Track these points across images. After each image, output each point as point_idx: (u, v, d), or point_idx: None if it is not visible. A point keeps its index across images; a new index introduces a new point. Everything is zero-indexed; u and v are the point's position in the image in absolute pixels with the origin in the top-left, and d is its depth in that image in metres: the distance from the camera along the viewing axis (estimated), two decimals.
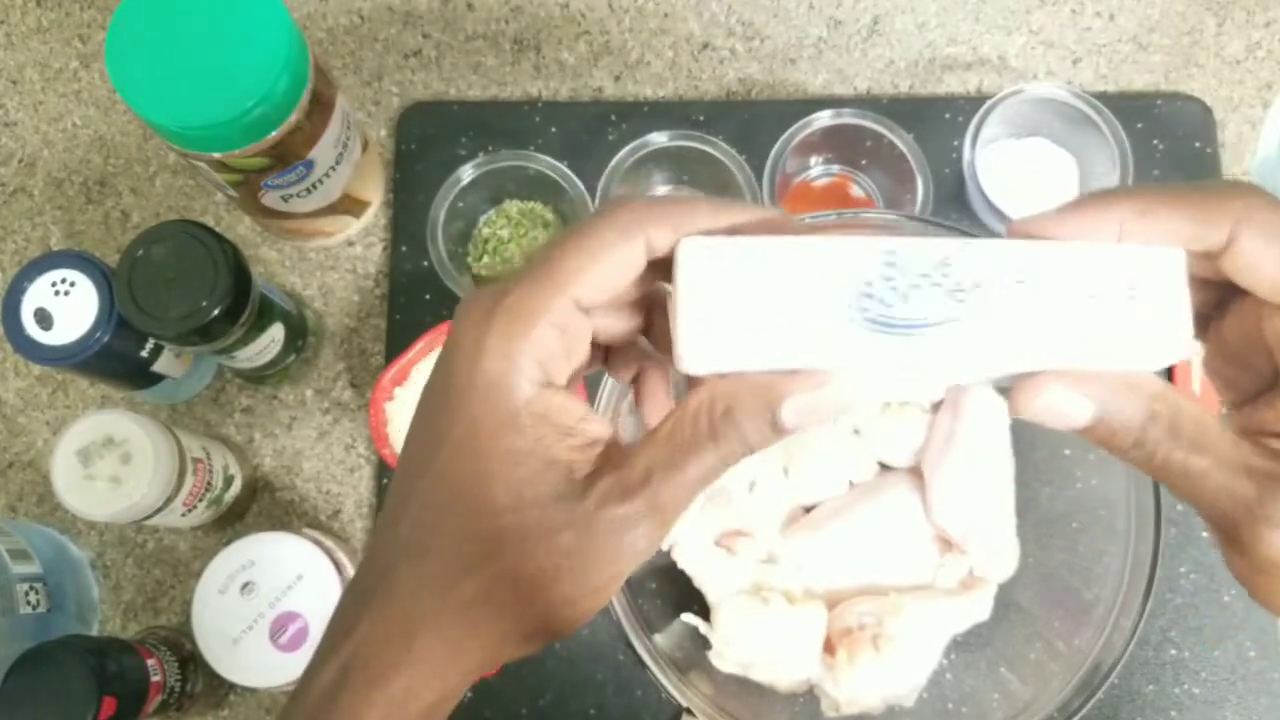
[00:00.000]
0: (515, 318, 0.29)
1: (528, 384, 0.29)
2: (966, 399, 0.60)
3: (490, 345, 0.29)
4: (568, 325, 0.29)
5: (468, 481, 0.29)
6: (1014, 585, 0.59)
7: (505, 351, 0.29)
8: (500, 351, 0.29)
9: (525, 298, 0.29)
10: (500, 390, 0.29)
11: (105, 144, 0.73)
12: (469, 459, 0.29)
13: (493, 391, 0.29)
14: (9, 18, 0.75)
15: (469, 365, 0.29)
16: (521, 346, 0.29)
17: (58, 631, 0.61)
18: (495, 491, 0.29)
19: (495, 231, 0.69)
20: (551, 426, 0.29)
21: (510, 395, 0.29)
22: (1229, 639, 0.63)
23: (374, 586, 0.30)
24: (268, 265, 0.71)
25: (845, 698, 0.55)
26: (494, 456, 0.29)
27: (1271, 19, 0.74)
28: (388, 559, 0.30)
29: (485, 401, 0.29)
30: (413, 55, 0.74)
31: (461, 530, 0.29)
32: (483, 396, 0.29)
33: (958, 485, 0.58)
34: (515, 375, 0.29)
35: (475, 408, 0.29)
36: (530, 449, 0.29)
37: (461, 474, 0.29)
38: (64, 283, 0.57)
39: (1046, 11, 0.75)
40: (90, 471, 0.55)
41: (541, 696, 0.62)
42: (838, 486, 0.61)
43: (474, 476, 0.29)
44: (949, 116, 0.71)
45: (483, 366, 0.29)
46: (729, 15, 0.75)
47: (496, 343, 0.29)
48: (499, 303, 0.29)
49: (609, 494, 0.29)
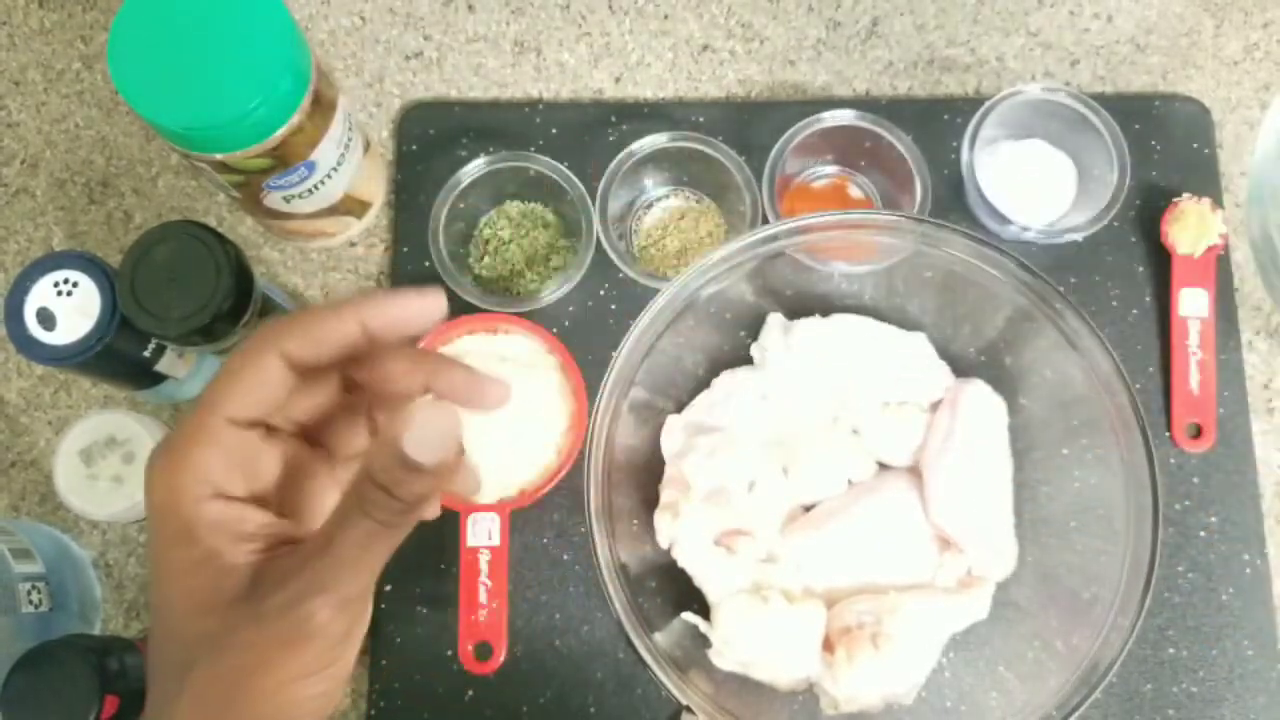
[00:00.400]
0: (173, 449, 0.33)
1: (193, 502, 0.33)
2: (965, 399, 0.60)
3: (156, 479, 0.33)
4: (226, 442, 0.33)
5: (161, 602, 0.34)
6: (1012, 584, 0.59)
7: (168, 480, 0.33)
8: (164, 483, 0.33)
9: (182, 429, 0.34)
10: (169, 513, 0.33)
11: (108, 145, 0.73)
12: (161, 582, 0.34)
13: (164, 517, 0.33)
14: (11, 19, 0.75)
15: (148, 503, 0.34)
16: (182, 471, 0.33)
17: (60, 630, 0.62)
18: (180, 605, 0.33)
19: (496, 232, 0.69)
20: (227, 534, 0.33)
21: (178, 515, 0.33)
22: (1227, 638, 0.64)
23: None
24: (270, 266, 0.71)
25: (844, 696, 0.56)
26: (174, 573, 0.33)
27: (1269, 20, 0.74)
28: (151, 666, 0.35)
29: (160, 528, 0.33)
30: (414, 56, 0.75)
31: (166, 648, 0.34)
32: (157, 524, 0.33)
33: (956, 484, 0.59)
34: (180, 497, 0.33)
35: (155, 537, 0.33)
36: (204, 558, 0.33)
37: (159, 598, 0.34)
38: (66, 283, 0.57)
39: (1044, 13, 0.75)
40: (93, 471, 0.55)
41: (542, 695, 0.63)
42: (837, 486, 0.61)
43: (164, 596, 0.33)
44: (947, 118, 0.71)
45: (154, 500, 0.33)
46: (729, 17, 0.75)
47: (160, 475, 0.33)
48: (166, 440, 0.34)
49: (271, 583, 0.32)
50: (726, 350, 0.64)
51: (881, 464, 0.62)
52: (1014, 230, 0.66)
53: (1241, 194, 0.71)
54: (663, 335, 0.58)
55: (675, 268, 0.68)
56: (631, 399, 0.57)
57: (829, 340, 0.62)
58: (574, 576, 0.65)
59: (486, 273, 0.69)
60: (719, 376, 0.63)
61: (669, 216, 0.70)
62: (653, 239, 0.70)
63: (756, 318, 0.64)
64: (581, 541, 0.65)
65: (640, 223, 0.70)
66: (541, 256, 0.68)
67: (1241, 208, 0.70)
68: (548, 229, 0.69)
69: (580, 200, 0.65)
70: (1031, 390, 0.61)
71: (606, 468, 0.55)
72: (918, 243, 0.58)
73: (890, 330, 0.63)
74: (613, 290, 0.69)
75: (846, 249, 0.61)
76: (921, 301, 0.63)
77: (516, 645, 0.63)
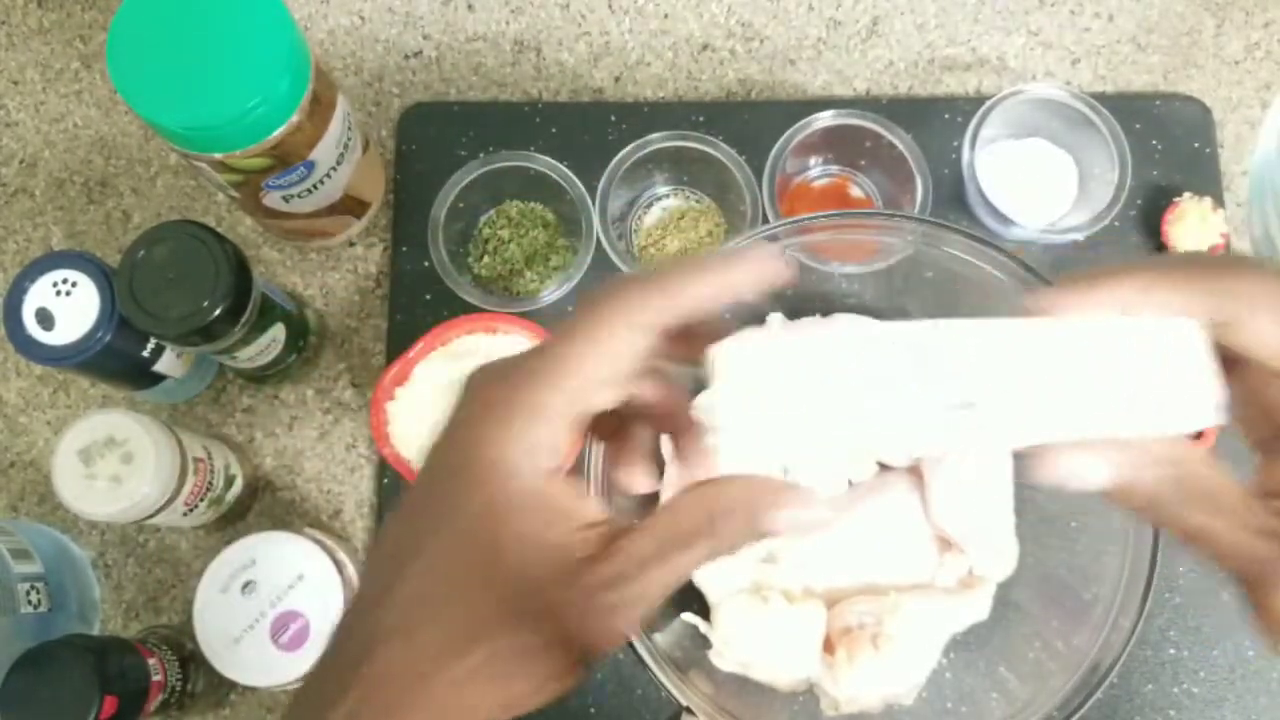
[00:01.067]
0: (528, 410, 0.30)
1: (535, 472, 0.30)
2: None
3: (503, 435, 0.30)
4: (572, 417, 0.31)
5: (478, 559, 0.31)
6: (1013, 584, 0.59)
7: (518, 441, 0.30)
8: (513, 441, 0.30)
9: (537, 391, 0.31)
10: (512, 477, 0.30)
11: (106, 144, 0.73)
12: (482, 538, 0.31)
13: (506, 478, 0.30)
14: (10, 18, 0.75)
15: (482, 450, 0.31)
16: (533, 437, 0.30)
17: (59, 631, 0.62)
18: (503, 571, 0.30)
19: (496, 232, 0.69)
20: (554, 511, 0.31)
21: (521, 481, 0.30)
22: (1228, 638, 0.63)
23: (361, 658, 0.31)
24: (269, 265, 0.71)
25: (844, 697, 0.55)
26: (504, 538, 0.30)
27: (1270, 19, 0.74)
28: (375, 631, 0.31)
29: (498, 487, 0.30)
30: (413, 56, 0.74)
31: (469, 603, 0.31)
32: (496, 482, 0.30)
33: (957, 484, 0.58)
34: (526, 463, 0.30)
35: (489, 492, 0.30)
36: (536, 532, 0.30)
37: (472, 551, 0.31)
38: (65, 283, 0.57)
39: (1045, 12, 0.75)
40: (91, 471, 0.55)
41: None
42: (837, 486, 0.61)
43: (485, 555, 0.30)
44: (948, 117, 0.71)
45: (496, 454, 0.30)
46: (729, 16, 0.75)
47: (510, 433, 0.30)
48: (513, 394, 0.31)
49: (601, 581, 0.30)
50: None
51: (882, 464, 0.62)
52: (1015, 230, 0.66)
53: (1242, 193, 0.71)
54: None
55: None
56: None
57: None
58: None
59: (486, 272, 0.68)
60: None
61: (669, 216, 0.70)
62: (653, 239, 0.69)
63: (756, 318, 0.64)
64: None
65: (640, 223, 0.70)
66: (541, 256, 0.68)
67: (1242, 207, 0.70)
68: (547, 229, 0.69)
69: (580, 200, 0.65)
70: None
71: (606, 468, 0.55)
72: (918, 242, 0.58)
73: None
74: None
75: (846, 249, 0.61)
76: (921, 301, 0.63)
77: None
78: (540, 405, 0.31)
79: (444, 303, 0.67)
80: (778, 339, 0.31)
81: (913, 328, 0.31)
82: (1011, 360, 0.30)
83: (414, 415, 0.61)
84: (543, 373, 0.31)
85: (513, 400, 0.31)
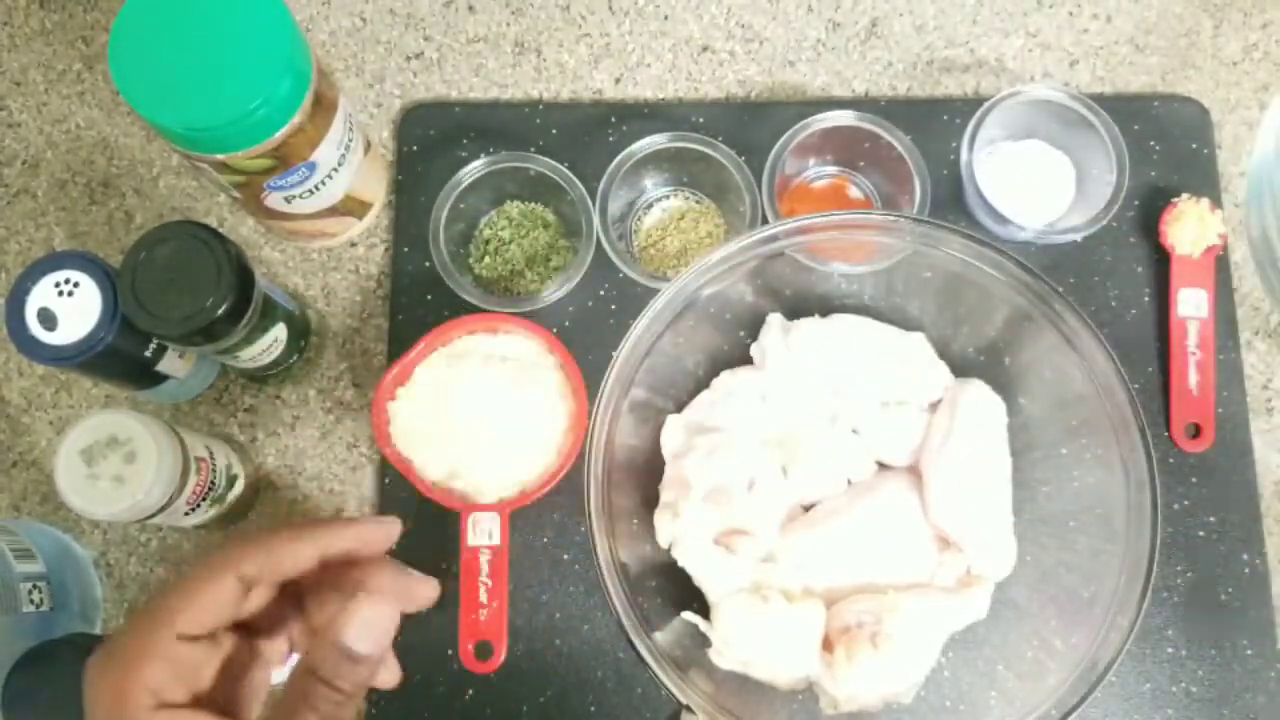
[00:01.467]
0: (121, 663, 0.35)
1: (141, 710, 0.34)
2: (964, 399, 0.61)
3: (102, 690, 0.34)
4: (175, 655, 0.35)
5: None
6: (1011, 583, 0.59)
7: (115, 693, 0.34)
8: (111, 695, 0.34)
9: (131, 642, 0.35)
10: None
11: (108, 145, 0.73)
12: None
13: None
14: (12, 19, 0.75)
15: (90, 710, 0.35)
16: (130, 684, 0.34)
17: (61, 630, 0.62)
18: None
19: (496, 232, 0.69)
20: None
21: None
22: (1226, 637, 0.64)
23: None
24: (270, 266, 0.71)
25: (844, 695, 0.56)
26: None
27: (1268, 20, 0.75)
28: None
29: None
30: (414, 57, 0.75)
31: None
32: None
33: (955, 484, 0.59)
34: (126, 708, 0.34)
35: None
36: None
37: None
38: (68, 283, 0.57)
39: (1044, 14, 0.75)
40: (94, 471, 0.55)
41: (542, 694, 0.63)
42: (836, 485, 0.61)
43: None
44: (946, 118, 0.72)
45: (98, 709, 0.34)
46: (728, 18, 0.75)
47: (107, 687, 0.34)
48: (111, 649, 0.35)
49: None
50: (726, 350, 0.64)
51: (881, 464, 0.62)
52: (1013, 230, 0.66)
53: (1240, 194, 0.71)
54: (663, 335, 0.58)
55: (675, 268, 0.68)
56: (631, 399, 0.57)
57: (829, 340, 0.62)
58: (574, 576, 0.65)
59: (487, 273, 0.69)
60: (719, 376, 0.63)
61: (669, 217, 0.70)
62: (653, 239, 0.70)
63: (756, 318, 0.64)
64: (581, 541, 0.65)
65: (640, 223, 0.71)
66: (541, 256, 0.69)
67: (1240, 208, 0.70)
68: (548, 229, 0.69)
69: (580, 200, 0.65)
70: (1030, 390, 0.61)
71: (606, 468, 0.55)
72: (917, 243, 0.58)
73: (889, 330, 0.63)
74: (613, 290, 0.69)
75: (846, 249, 0.62)
76: (921, 302, 0.63)
77: (517, 645, 0.63)
78: (142, 650, 0.35)
79: (445, 303, 0.68)
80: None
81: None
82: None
83: (415, 415, 0.61)
84: (141, 623, 0.36)
85: (117, 654, 0.35)
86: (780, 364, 0.61)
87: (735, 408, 0.61)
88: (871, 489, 0.61)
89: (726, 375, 0.63)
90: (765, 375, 0.62)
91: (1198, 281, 0.68)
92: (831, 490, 0.61)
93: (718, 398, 0.62)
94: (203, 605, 0.36)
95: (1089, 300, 0.68)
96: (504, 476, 0.61)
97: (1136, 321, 0.68)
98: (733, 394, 0.62)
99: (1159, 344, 0.68)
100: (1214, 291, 0.67)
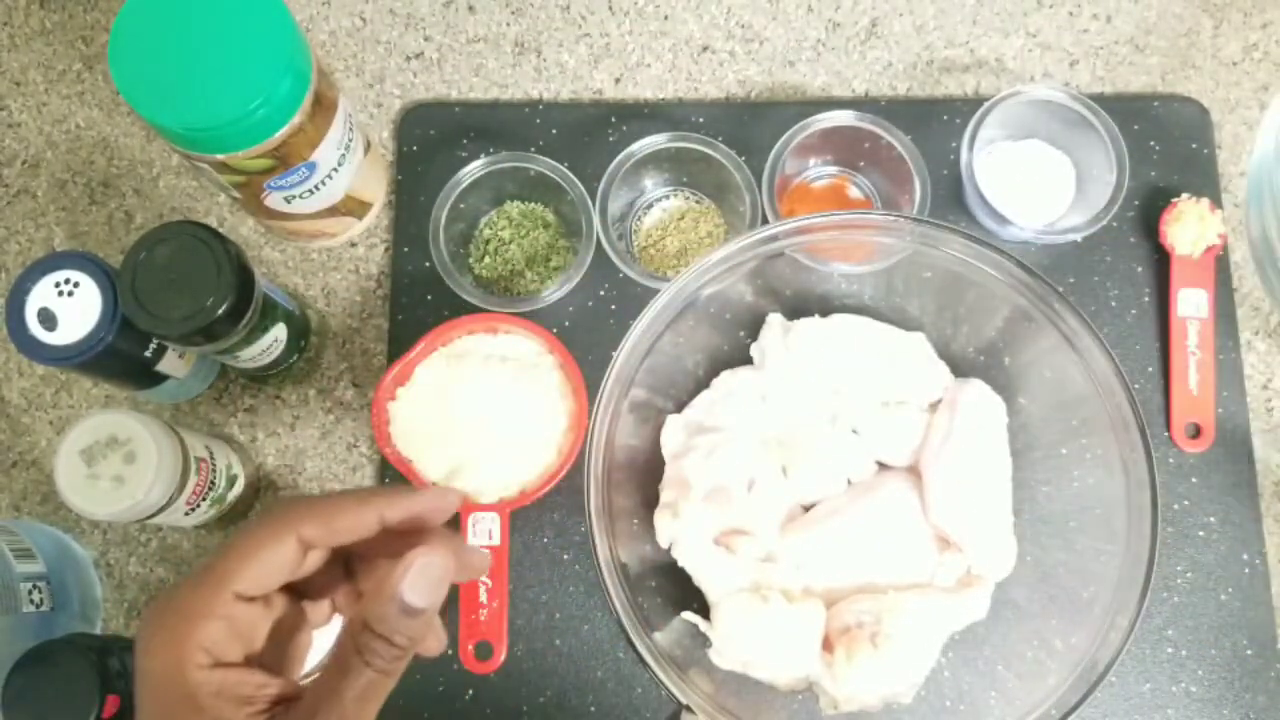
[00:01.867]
0: (177, 621, 0.34)
1: (197, 670, 0.34)
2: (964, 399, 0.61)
3: (159, 644, 0.34)
4: (232, 615, 0.35)
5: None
6: (1011, 584, 0.59)
7: (171, 651, 0.34)
8: (166, 653, 0.34)
9: (189, 599, 0.35)
10: (170, 682, 0.34)
11: (109, 145, 0.73)
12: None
13: (163, 684, 0.34)
14: (12, 19, 0.75)
15: (144, 665, 0.35)
16: (186, 642, 0.34)
17: (61, 630, 0.62)
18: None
19: (496, 232, 0.69)
20: (229, 700, 0.34)
21: (182, 683, 0.34)
22: (1226, 637, 0.64)
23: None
24: (270, 266, 0.71)
25: (844, 695, 0.56)
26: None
27: (1268, 20, 0.75)
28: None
29: (157, 694, 0.34)
30: (414, 57, 0.75)
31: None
32: (155, 691, 0.34)
33: (955, 484, 0.59)
34: (183, 667, 0.34)
35: (153, 702, 0.34)
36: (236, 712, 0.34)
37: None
38: (68, 283, 0.57)
39: (1044, 14, 0.75)
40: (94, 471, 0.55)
41: (542, 694, 0.63)
42: (836, 485, 0.61)
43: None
44: (946, 118, 0.72)
45: (153, 667, 0.34)
46: (728, 18, 0.75)
47: (162, 645, 0.34)
48: (167, 605, 0.35)
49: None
50: (726, 350, 0.64)
51: (881, 464, 0.62)
52: (1013, 230, 0.66)
53: (1240, 194, 0.71)
54: (663, 335, 0.58)
55: (675, 268, 0.68)
56: (631, 399, 0.57)
57: (828, 340, 0.62)
58: (574, 576, 0.65)
59: (487, 273, 0.69)
60: (719, 376, 0.63)
61: (669, 217, 0.70)
62: (653, 239, 0.70)
63: (756, 318, 0.64)
64: (581, 541, 0.65)
65: (640, 223, 0.71)
66: (541, 256, 0.69)
67: (1240, 208, 0.70)
68: (548, 229, 0.69)
69: (580, 200, 0.65)
70: (1030, 390, 0.61)
71: (606, 467, 0.55)
72: (917, 243, 0.58)
73: (890, 330, 0.63)
74: (613, 290, 0.69)
75: (846, 249, 0.62)
76: (921, 301, 0.63)
77: (516, 645, 0.63)
78: (198, 608, 0.35)
79: (445, 303, 0.68)
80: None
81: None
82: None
83: (415, 415, 0.61)
84: (199, 579, 0.35)
85: (174, 609, 0.35)
86: (780, 364, 0.61)
87: (735, 408, 0.61)
88: (871, 489, 0.61)
89: (726, 375, 0.63)
90: (765, 375, 0.62)
91: (1198, 281, 0.68)
92: (831, 490, 0.61)
93: (718, 398, 0.62)
94: (263, 566, 0.36)
95: (1089, 300, 0.68)
96: (504, 476, 0.61)
97: (1136, 321, 0.68)
98: (733, 394, 0.62)
99: (1159, 344, 0.68)
100: (1214, 291, 0.67)
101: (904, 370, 0.62)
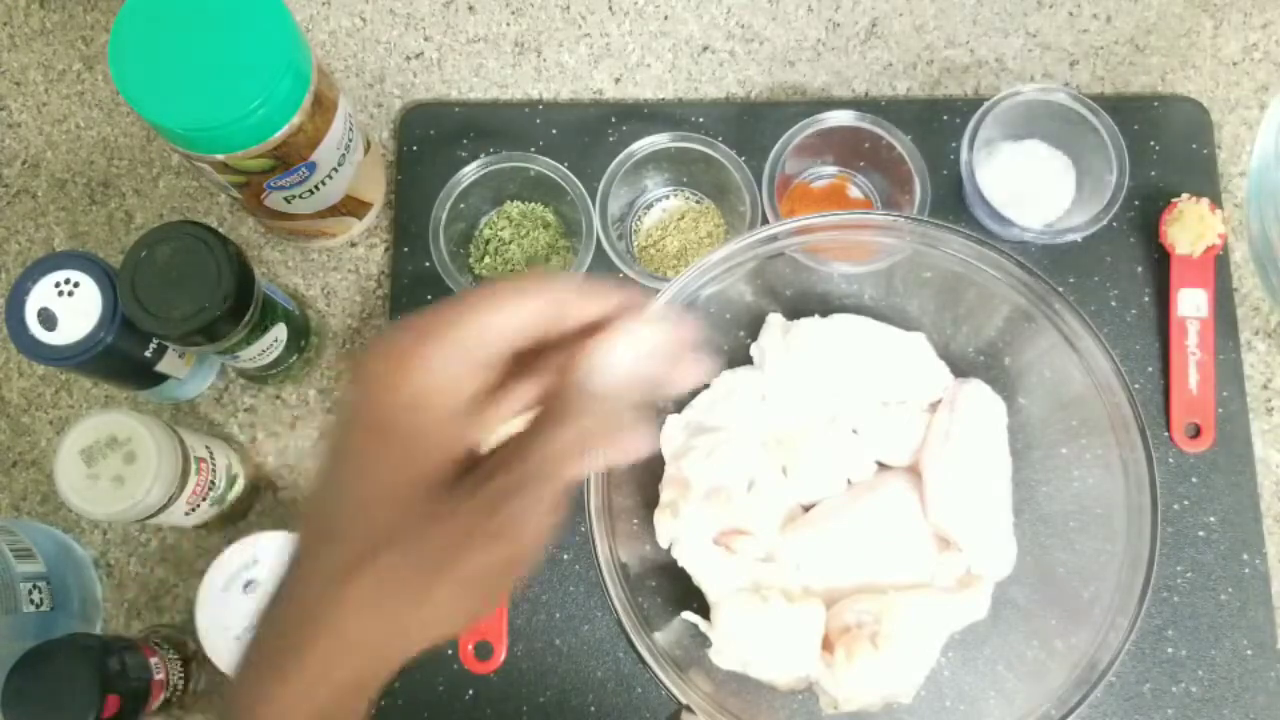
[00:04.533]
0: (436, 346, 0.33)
1: (451, 397, 0.33)
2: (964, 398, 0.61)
3: (417, 368, 0.33)
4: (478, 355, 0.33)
5: (343, 491, 0.34)
6: (1011, 584, 0.59)
7: (432, 374, 0.33)
8: (427, 373, 0.33)
9: (445, 333, 0.33)
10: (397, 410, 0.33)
11: (109, 145, 0.73)
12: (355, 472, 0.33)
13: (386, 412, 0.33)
14: (12, 19, 0.75)
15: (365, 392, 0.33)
16: (443, 369, 0.33)
17: (61, 630, 0.62)
18: (374, 494, 0.33)
19: (496, 232, 0.69)
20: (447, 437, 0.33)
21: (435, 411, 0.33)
22: (1226, 637, 0.64)
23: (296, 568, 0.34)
24: (270, 266, 0.71)
25: (843, 695, 0.56)
26: (375, 465, 0.33)
27: (1268, 20, 0.75)
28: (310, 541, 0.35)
29: (371, 421, 0.33)
30: (414, 57, 0.75)
31: (340, 530, 0.33)
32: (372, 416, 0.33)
33: (955, 484, 0.59)
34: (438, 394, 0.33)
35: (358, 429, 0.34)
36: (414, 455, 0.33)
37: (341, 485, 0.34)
38: (68, 283, 0.57)
39: (1044, 14, 0.75)
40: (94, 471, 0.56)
41: (541, 694, 0.63)
42: (836, 485, 0.61)
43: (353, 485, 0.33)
44: (946, 118, 0.72)
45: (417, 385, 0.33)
46: (728, 18, 0.75)
47: (422, 366, 0.33)
48: (422, 337, 0.33)
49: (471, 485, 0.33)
50: (726, 350, 0.64)
51: (881, 464, 0.62)
52: (1013, 230, 0.66)
53: (1240, 194, 0.71)
54: None
55: (675, 268, 0.68)
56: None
57: (828, 340, 0.62)
58: (574, 576, 0.65)
59: (487, 273, 0.69)
60: (719, 376, 0.63)
61: (669, 217, 0.70)
62: (653, 239, 0.70)
63: (756, 318, 0.64)
64: (581, 541, 0.65)
65: (640, 223, 0.71)
66: (541, 256, 0.69)
67: (1240, 208, 0.70)
68: (548, 229, 0.69)
69: (580, 200, 0.65)
70: (1030, 390, 0.61)
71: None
72: (917, 243, 0.58)
73: (889, 330, 0.63)
74: None
75: (846, 249, 0.62)
76: (921, 301, 0.63)
77: (516, 645, 0.63)
78: (450, 341, 0.33)
79: None
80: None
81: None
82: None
83: None
84: (450, 318, 0.33)
85: (420, 342, 0.33)
86: (780, 364, 0.61)
87: (735, 408, 0.61)
88: (871, 489, 0.61)
89: (726, 375, 0.63)
90: (765, 375, 0.62)
91: (1198, 281, 0.68)
92: (831, 490, 0.61)
93: (718, 398, 0.62)
94: (518, 324, 0.34)
95: (1089, 300, 0.68)
96: None
97: (1136, 321, 0.68)
98: (733, 394, 0.62)
99: (1159, 344, 0.68)
100: (1214, 291, 0.67)
101: (904, 370, 0.62)
